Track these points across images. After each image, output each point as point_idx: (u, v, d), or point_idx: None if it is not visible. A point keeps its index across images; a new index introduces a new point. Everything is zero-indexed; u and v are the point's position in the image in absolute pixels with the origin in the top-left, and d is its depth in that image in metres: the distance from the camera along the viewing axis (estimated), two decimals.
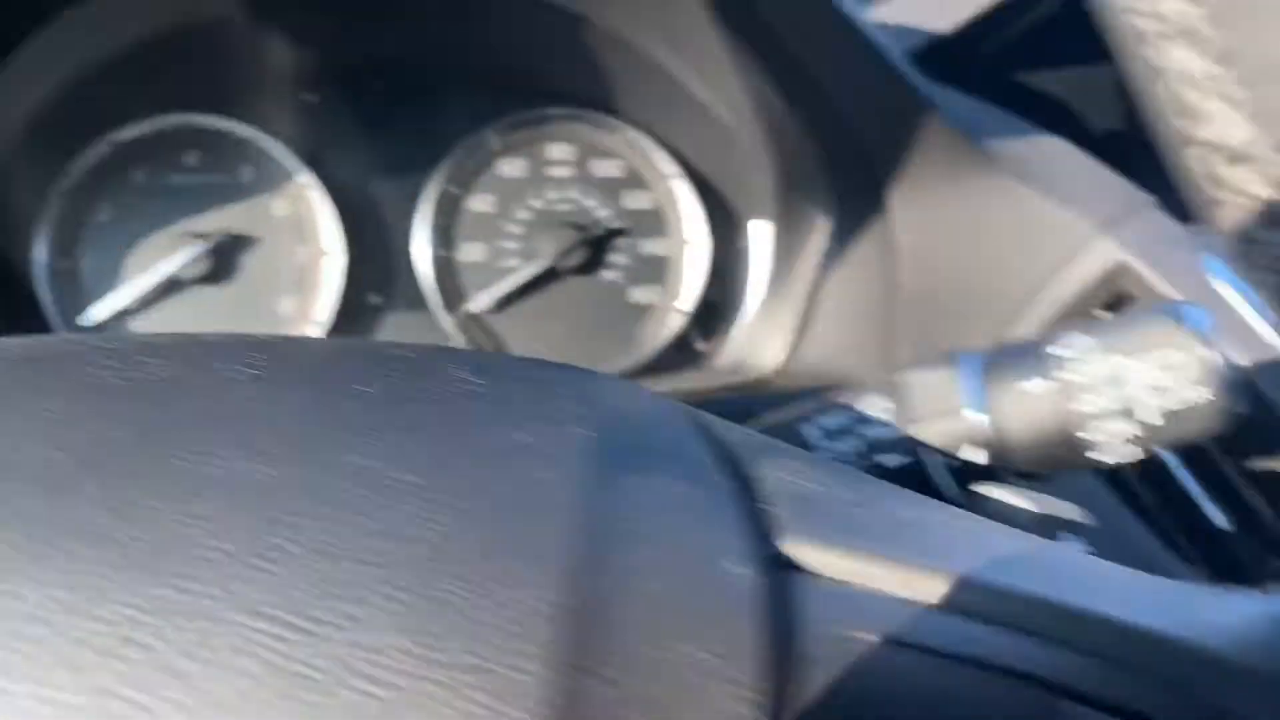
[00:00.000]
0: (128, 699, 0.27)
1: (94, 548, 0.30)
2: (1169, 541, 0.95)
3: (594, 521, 0.33)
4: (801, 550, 0.39)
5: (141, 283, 1.30)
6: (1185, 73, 0.38)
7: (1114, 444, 0.66)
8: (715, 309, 1.42)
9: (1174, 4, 0.38)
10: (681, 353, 1.42)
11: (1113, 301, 1.05)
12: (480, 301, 1.38)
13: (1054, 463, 0.70)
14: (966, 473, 0.71)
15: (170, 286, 1.32)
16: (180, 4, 1.15)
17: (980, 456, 0.70)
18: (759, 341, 1.34)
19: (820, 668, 0.33)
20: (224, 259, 1.33)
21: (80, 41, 1.19)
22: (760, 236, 1.39)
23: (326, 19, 1.26)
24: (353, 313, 1.38)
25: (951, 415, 0.70)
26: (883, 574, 0.38)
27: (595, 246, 1.37)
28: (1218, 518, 0.93)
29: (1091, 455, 0.67)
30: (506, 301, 1.39)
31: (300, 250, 1.36)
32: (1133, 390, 0.64)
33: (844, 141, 1.21)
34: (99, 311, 1.31)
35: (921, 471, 0.72)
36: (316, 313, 1.35)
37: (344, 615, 0.29)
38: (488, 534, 0.32)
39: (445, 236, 1.37)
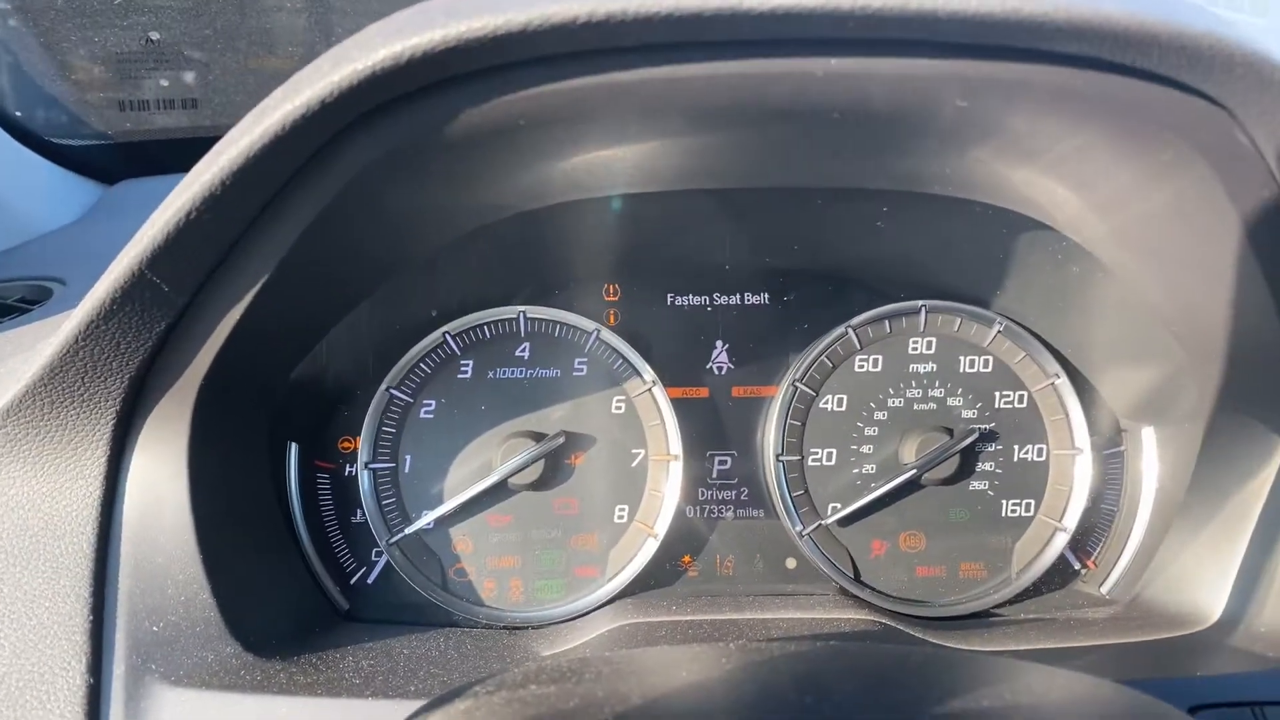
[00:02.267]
0: None
1: None
2: None
3: None
4: None
5: (467, 491, 1.19)
6: None
7: None
8: (1094, 526, 1.25)
9: None
10: (1057, 575, 1.25)
11: None
12: (833, 512, 1.23)
13: None
14: None
15: (496, 489, 1.20)
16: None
17: None
18: (1166, 575, 1.16)
19: None
20: (553, 460, 1.22)
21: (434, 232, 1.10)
22: (1148, 445, 1.22)
23: (766, 228, 1.15)
24: (690, 521, 1.25)
25: None
26: None
27: (964, 454, 1.21)
28: None
29: None
30: (862, 512, 1.23)
31: (639, 453, 1.24)
32: None
33: None
34: (421, 517, 1.20)
35: None
36: (656, 522, 1.22)
37: None
38: None
39: (795, 439, 1.24)
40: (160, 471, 0.98)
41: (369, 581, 1.22)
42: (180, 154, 1.87)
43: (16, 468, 0.96)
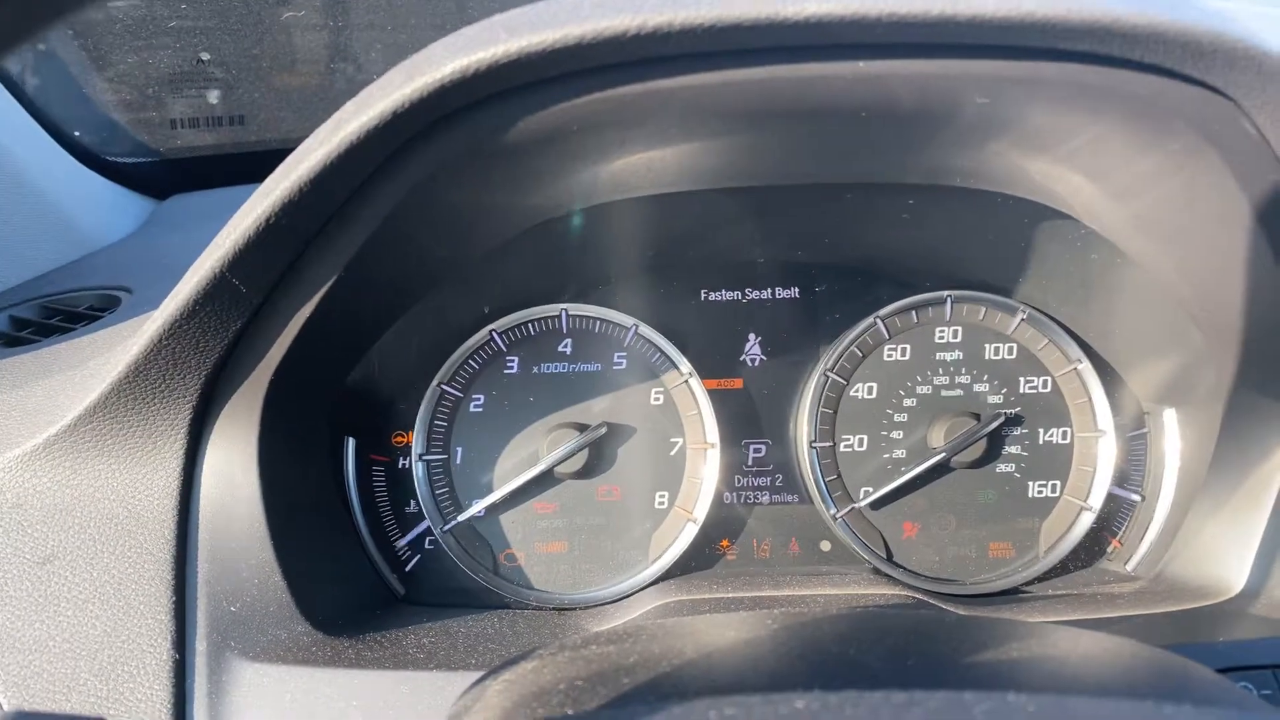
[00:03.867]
0: None
1: None
2: None
3: None
4: None
5: (515, 480, 1.25)
6: None
7: None
8: (1119, 505, 1.29)
9: None
10: (1084, 553, 1.29)
11: None
12: (865, 496, 1.28)
13: None
14: None
15: (542, 478, 1.27)
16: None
17: None
18: (1189, 550, 1.20)
19: None
20: (596, 450, 1.28)
21: (477, 232, 1.16)
22: (1170, 426, 1.26)
23: (797, 223, 1.21)
24: (728, 506, 1.31)
25: None
26: None
27: (990, 438, 1.26)
28: None
29: None
30: (893, 495, 1.28)
31: (678, 441, 1.30)
32: None
33: None
34: (472, 506, 1.27)
35: None
36: (695, 507, 1.28)
37: None
38: None
39: (827, 426, 1.29)
40: (233, 463, 1.05)
41: (415, 561, 1.28)
42: (227, 169, 1.97)
43: (102, 461, 1.03)
